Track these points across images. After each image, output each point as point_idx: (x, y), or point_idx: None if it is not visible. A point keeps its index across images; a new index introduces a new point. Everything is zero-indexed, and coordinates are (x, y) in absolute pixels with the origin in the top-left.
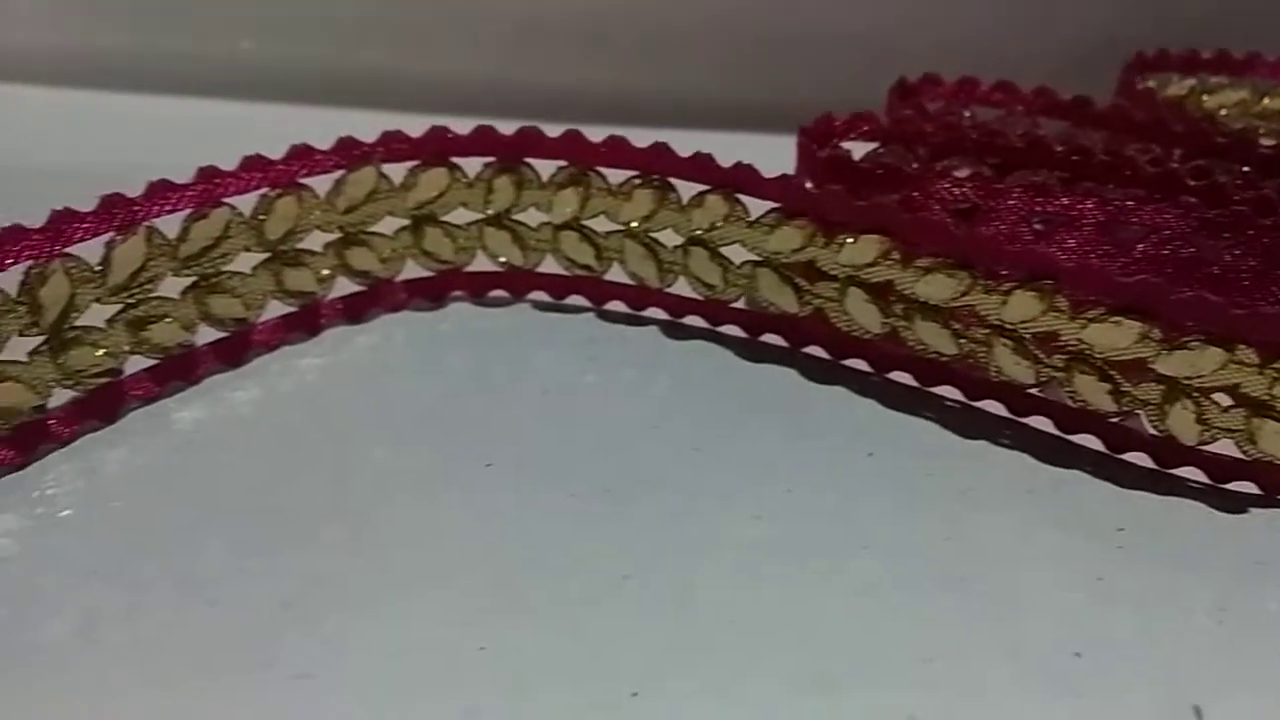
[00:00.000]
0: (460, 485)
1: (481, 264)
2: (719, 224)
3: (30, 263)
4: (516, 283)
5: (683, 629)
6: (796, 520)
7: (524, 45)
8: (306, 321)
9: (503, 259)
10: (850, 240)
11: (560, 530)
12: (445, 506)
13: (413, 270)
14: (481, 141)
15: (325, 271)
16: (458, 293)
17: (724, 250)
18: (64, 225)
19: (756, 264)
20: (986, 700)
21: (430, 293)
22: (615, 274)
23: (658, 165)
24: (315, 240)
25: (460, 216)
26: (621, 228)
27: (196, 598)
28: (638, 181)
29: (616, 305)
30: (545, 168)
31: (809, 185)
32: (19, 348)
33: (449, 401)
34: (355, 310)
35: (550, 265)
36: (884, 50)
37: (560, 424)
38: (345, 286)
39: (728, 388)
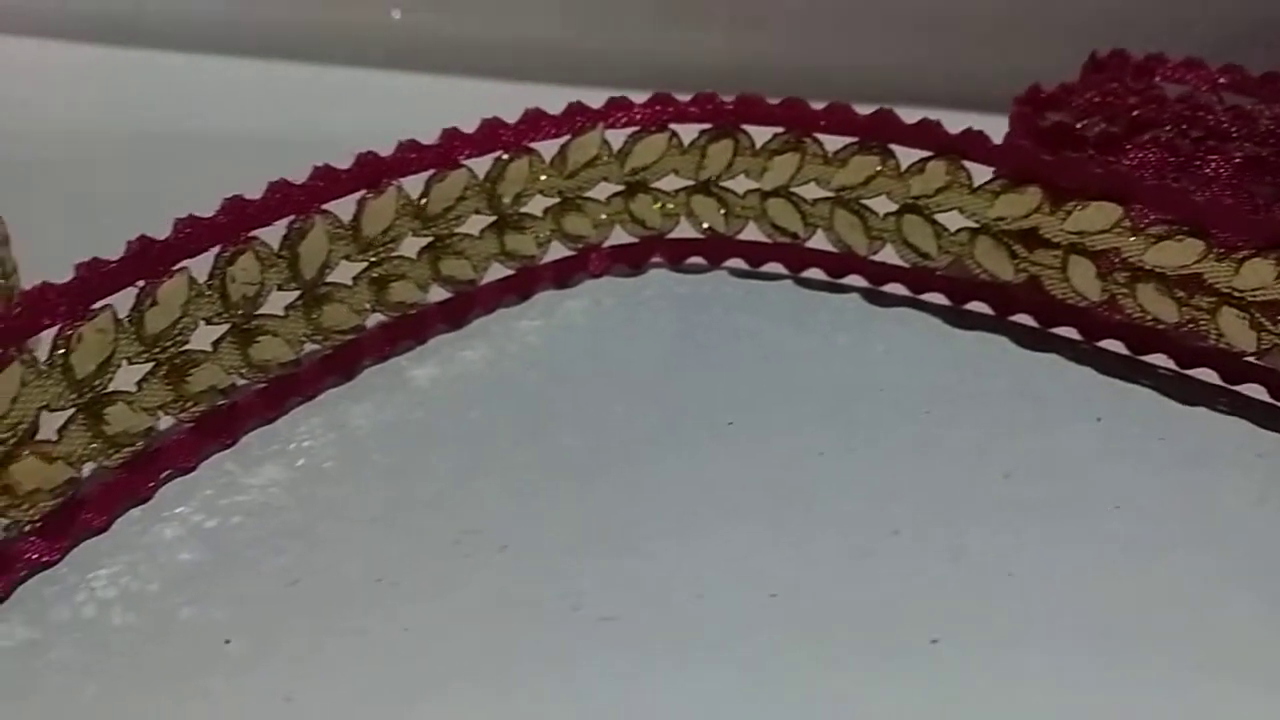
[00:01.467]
0: (709, 441)
1: (680, 231)
2: (938, 190)
3: (292, 217)
4: (715, 249)
5: (963, 581)
6: (1043, 480)
7: (678, 18)
8: (521, 285)
9: (706, 225)
10: (1080, 207)
11: (818, 486)
12: (704, 461)
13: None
14: (702, 108)
15: (543, 235)
16: (656, 259)
17: (938, 217)
18: (323, 181)
19: (974, 230)
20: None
21: (632, 259)
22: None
23: (882, 132)
24: (535, 205)
25: (669, 183)
26: (831, 195)
27: (489, 545)
28: (857, 147)
29: (814, 273)
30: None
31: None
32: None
33: (671, 362)
34: (563, 274)
35: (748, 233)
36: (1044, 27)
37: (787, 386)
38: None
39: (940, 353)
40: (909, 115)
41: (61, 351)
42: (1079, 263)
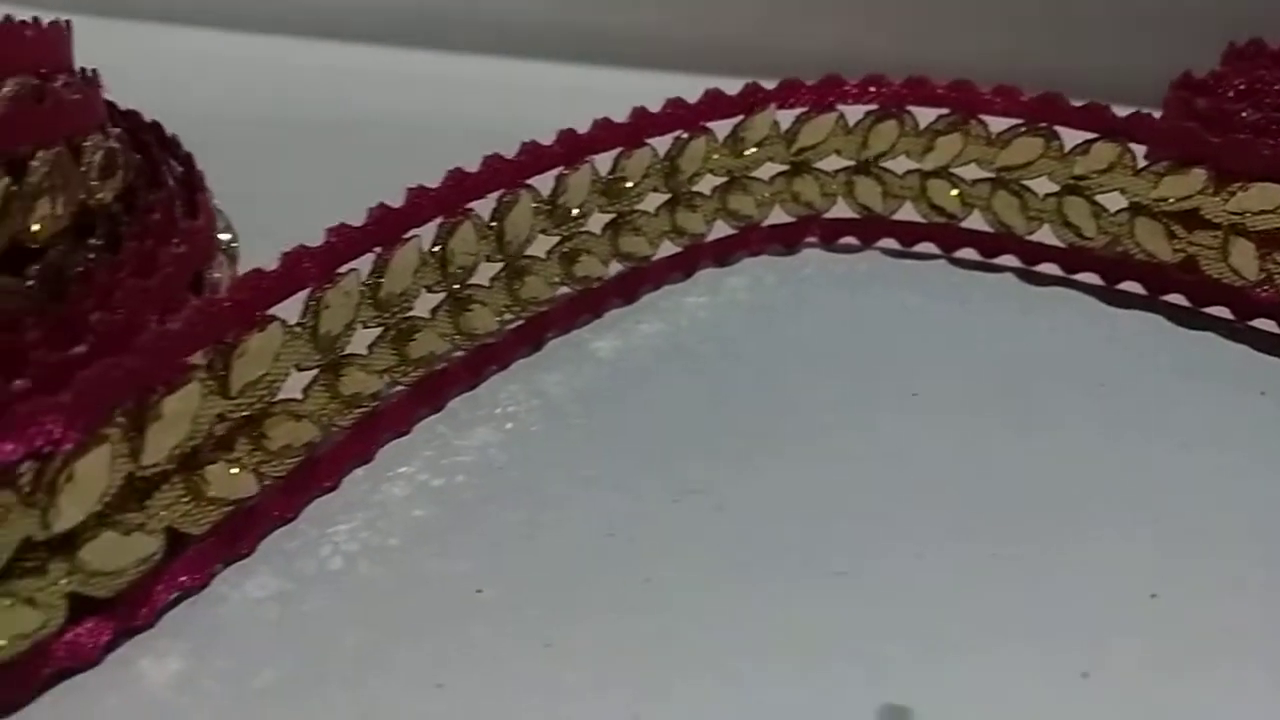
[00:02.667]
0: (894, 413)
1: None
2: (1102, 171)
3: (501, 191)
4: (869, 229)
5: (1165, 545)
6: (1221, 450)
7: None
8: (685, 262)
9: (864, 205)
10: (1243, 189)
11: (1008, 457)
12: (893, 431)
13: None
14: (869, 89)
15: (710, 214)
16: (810, 238)
17: (1098, 198)
18: (529, 156)
19: (1134, 211)
20: None
21: (787, 238)
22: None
23: (1047, 113)
24: (704, 184)
25: (829, 164)
26: (991, 175)
27: (708, 504)
28: (1023, 129)
29: (966, 253)
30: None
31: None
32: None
33: (840, 337)
34: (722, 253)
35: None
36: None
37: (957, 362)
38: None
39: (1099, 331)
40: None
41: (312, 313)
42: (1239, 243)
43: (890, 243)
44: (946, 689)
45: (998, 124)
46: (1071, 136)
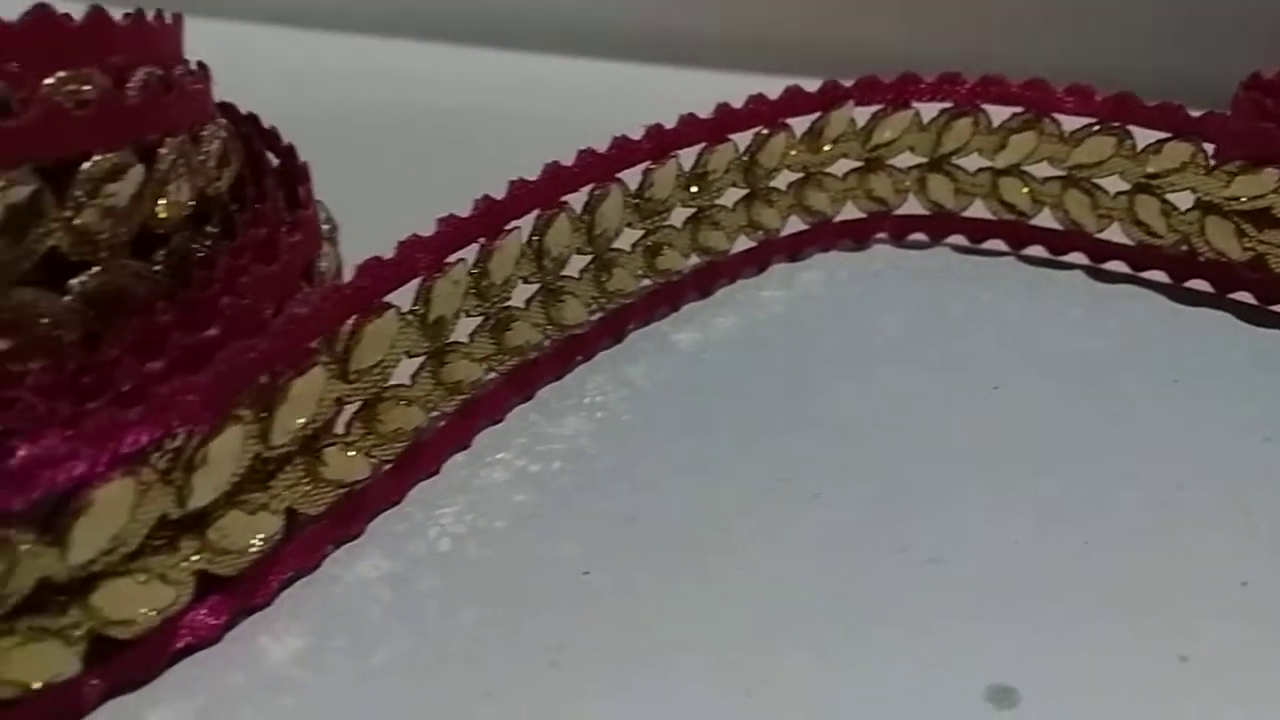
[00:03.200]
0: (979, 403)
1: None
2: (1174, 171)
3: (593, 185)
4: (937, 225)
5: (1256, 534)
6: None
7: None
8: (758, 257)
9: (936, 202)
10: None
11: (1098, 445)
12: (979, 420)
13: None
14: (944, 87)
15: (784, 209)
16: (880, 235)
17: (1169, 196)
18: (619, 150)
19: (1204, 210)
20: None
21: (857, 233)
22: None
23: (1120, 113)
24: (780, 179)
25: (901, 160)
26: (1063, 173)
27: (802, 493)
28: (1095, 128)
29: (1035, 250)
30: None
31: None
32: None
33: (917, 331)
34: (795, 248)
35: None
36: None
37: (1033, 355)
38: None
39: (1169, 328)
40: None
41: (423, 301)
42: None
43: (959, 239)
44: (1047, 672)
45: (1070, 123)
46: (1143, 136)
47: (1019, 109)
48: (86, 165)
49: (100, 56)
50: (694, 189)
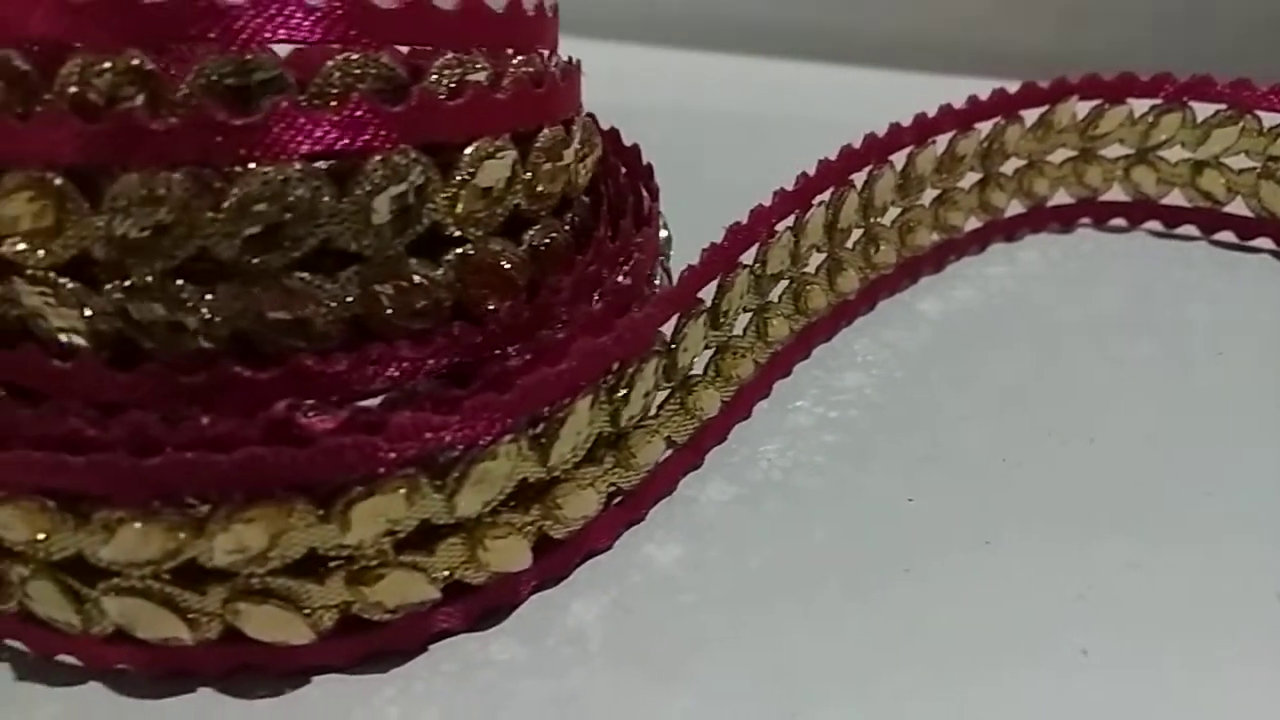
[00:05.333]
0: (1206, 369)
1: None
2: None
3: (871, 165)
4: (1136, 212)
5: None
6: None
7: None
8: (981, 237)
9: (1139, 190)
10: None
11: None
12: (1218, 384)
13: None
14: (1157, 85)
15: (1011, 192)
16: (1084, 219)
17: None
18: (891, 134)
19: None
20: None
21: (1065, 218)
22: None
23: None
24: (1007, 166)
25: (1110, 151)
26: (1258, 165)
27: (1076, 437)
28: None
29: (1224, 235)
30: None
31: None
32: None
33: (1137, 305)
34: (1011, 229)
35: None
36: None
37: (1243, 330)
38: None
39: None
40: None
41: (760, 261)
42: None
43: (1154, 224)
44: None
45: (1269, 118)
46: None
47: (1222, 106)
48: (469, 150)
49: (486, 42)
50: (943, 173)
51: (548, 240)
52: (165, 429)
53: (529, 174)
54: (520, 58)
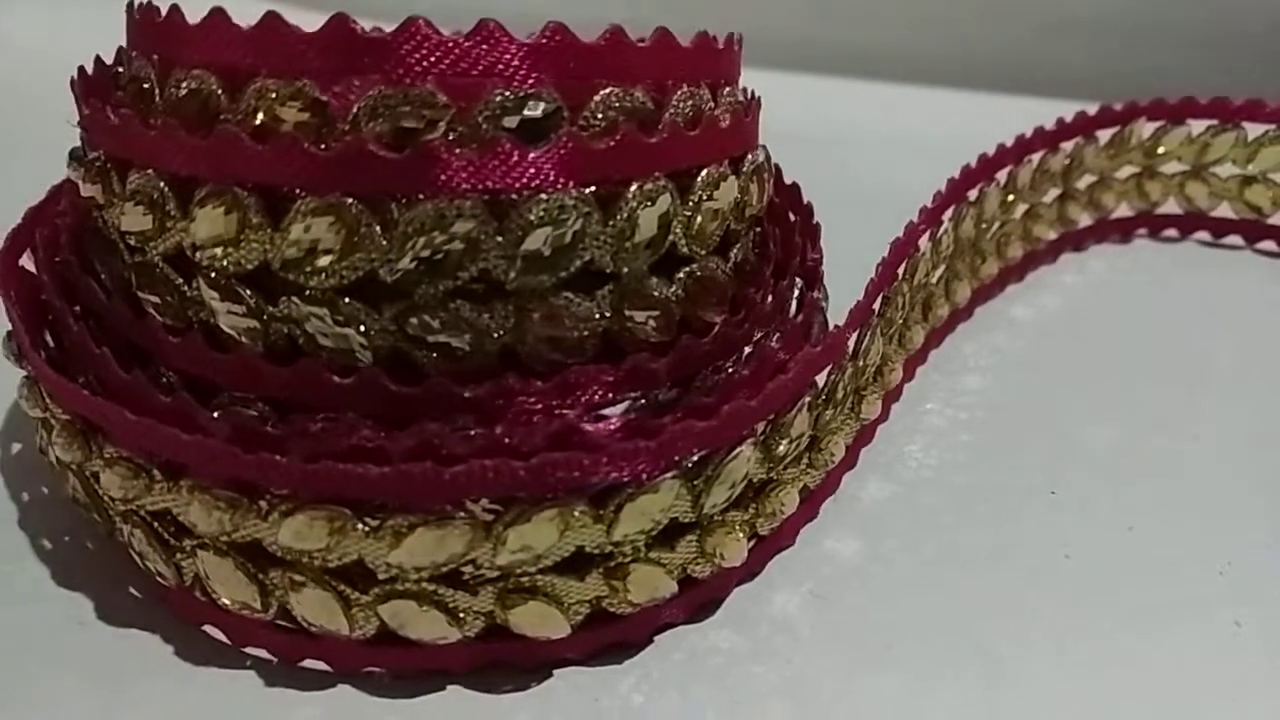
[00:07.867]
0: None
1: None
2: None
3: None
4: (1188, 224)
5: None
6: None
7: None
8: (1055, 248)
9: (1191, 203)
10: None
11: None
12: None
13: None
14: (1213, 108)
15: (1083, 206)
16: (1140, 231)
17: None
18: (1000, 152)
19: None
20: None
21: (1125, 229)
22: None
23: None
24: (1081, 181)
25: (1167, 167)
26: None
27: (1181, 434)
28: None
29: (1267, 244)
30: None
31: None
32: None
33: (1208, 309)
34: (1079, 240)
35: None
36: None
37: None
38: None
39: None
40: None
41: (909, 271)
42: None
43: (1203, 235)
44: None
45: None
46: None
47: (1273, 126)
48: (702, 174)
49: (702, 76)
50: (1034, 189)
51: (747, 258)
52: (459, 439)
53: (741, 195)
54: (728, 88)
